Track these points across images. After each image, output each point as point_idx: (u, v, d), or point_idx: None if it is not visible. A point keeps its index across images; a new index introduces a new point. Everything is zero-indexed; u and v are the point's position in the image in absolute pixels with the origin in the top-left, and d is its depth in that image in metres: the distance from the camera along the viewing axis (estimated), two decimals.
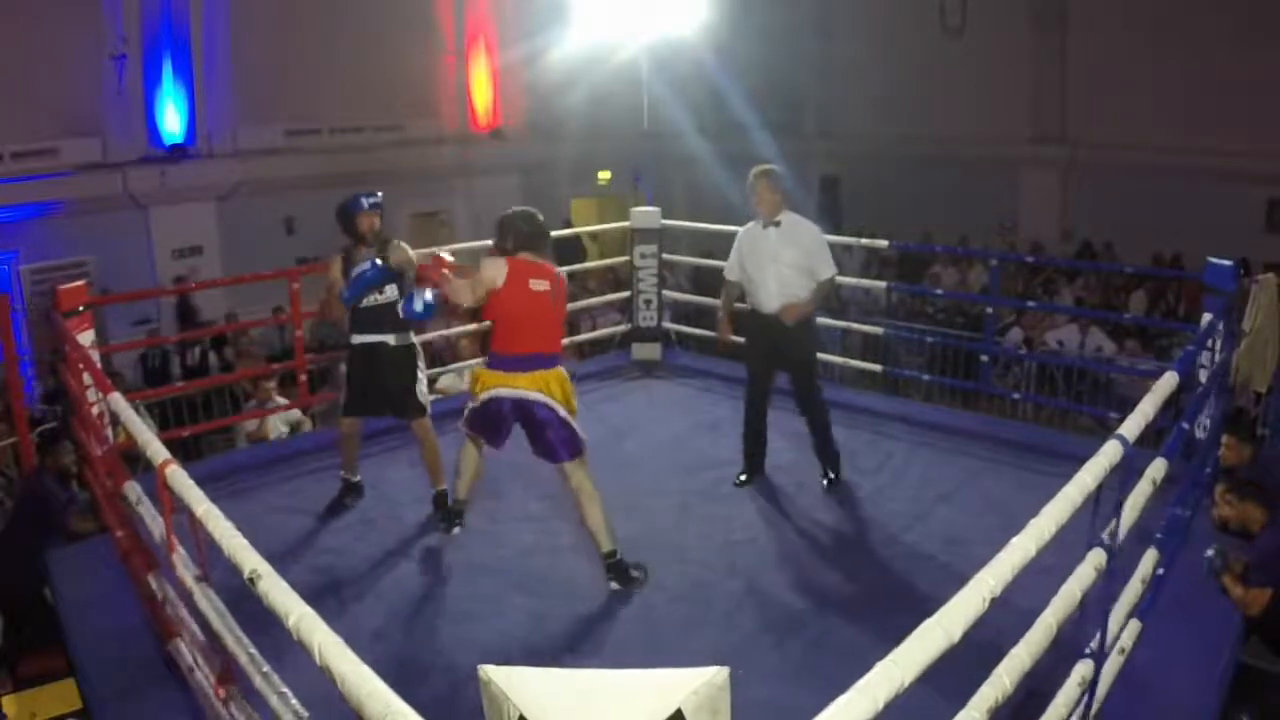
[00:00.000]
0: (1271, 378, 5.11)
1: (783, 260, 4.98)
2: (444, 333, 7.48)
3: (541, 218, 4.12)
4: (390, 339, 4.69)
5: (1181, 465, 4.05)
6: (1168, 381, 3.15)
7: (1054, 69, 13.83)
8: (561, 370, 4.03)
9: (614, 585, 4.10)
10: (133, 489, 3.52)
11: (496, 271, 3.90)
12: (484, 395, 4.03)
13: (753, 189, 5.02)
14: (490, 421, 4.10)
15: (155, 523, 3.21)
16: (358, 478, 5.07)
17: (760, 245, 5.05)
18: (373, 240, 4.65)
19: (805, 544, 4.65)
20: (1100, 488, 2.43)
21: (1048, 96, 13.96)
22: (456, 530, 4.60)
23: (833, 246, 5.24)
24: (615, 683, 1.31)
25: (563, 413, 3.97)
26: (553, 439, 3.97)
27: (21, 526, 4.95)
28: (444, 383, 7.23)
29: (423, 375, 4.83)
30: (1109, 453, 2.49)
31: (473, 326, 8.11)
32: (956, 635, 1.67)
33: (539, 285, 3.96)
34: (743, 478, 5.31)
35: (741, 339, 5.35)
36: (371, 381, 4.72)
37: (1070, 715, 2.62)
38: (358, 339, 4.72)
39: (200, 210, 10.94)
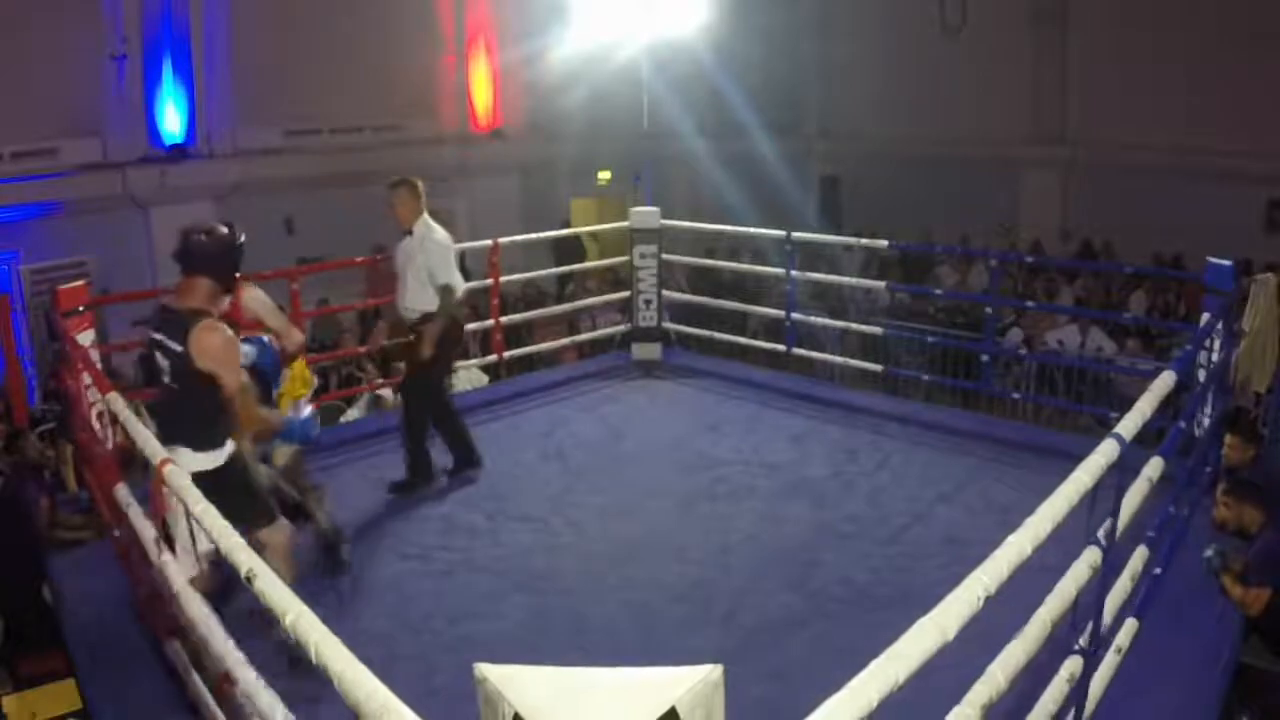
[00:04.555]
0: (1271, 378, 5.10)
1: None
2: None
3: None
4: None
5: (1180, 464, 4.05)
6: (1165, 381, 3.15)
7: (1054, 69, 13.81)
8: None
9: None
10: (123, 490, 3.51)
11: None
12: None
13: (387, 199, 5.11)
14: None
15: (153, 522, 3.21)
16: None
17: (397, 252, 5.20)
18: None
19: (804, 544, 4.65)
20: (1097, 486, 2.43)
21: (1048, 96, 13.94)
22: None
23: (832, 246, 5.22)
24: (610, 681, 1.31)
25: None
26: None
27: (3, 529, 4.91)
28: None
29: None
30: (1106, 451, 2.49)
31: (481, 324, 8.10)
32: (951, 633, 1.68)
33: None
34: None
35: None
36: None
37: (1064, 712, 2.62)
38: None
39: (200, 210, 10.85)
